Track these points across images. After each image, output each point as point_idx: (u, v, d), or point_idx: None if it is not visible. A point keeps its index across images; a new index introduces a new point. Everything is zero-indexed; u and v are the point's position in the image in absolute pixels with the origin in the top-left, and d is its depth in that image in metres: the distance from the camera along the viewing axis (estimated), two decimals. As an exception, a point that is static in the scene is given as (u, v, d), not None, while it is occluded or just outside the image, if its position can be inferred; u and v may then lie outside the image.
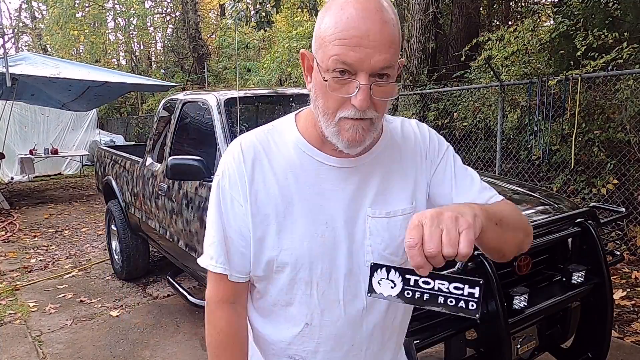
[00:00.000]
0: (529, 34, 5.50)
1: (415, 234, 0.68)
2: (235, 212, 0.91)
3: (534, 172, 5.29)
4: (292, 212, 0.89)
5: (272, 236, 0.89)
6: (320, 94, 0.83)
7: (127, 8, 16.73)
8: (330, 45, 0.79)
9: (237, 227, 0.91)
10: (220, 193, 0.92)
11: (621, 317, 3.35)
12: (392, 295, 0.72)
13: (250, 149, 0.91)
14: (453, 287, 0.71)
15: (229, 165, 0.92)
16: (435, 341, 1.66)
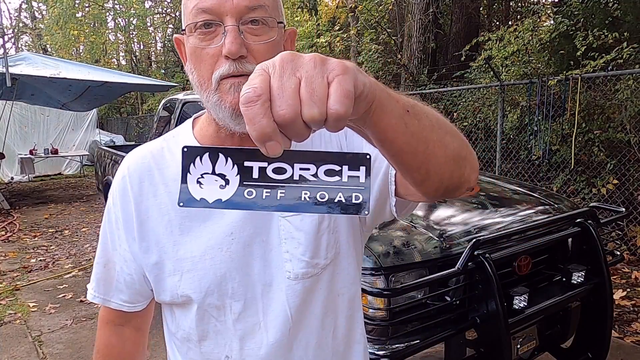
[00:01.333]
0: (529, 34, 5.50)
1: (258, 82, 0.40)
2: (120, 235, 0.80)
3: (534, 172, 5.29)
4: (191, 227, 0.76)
5: (171, 258, 0.77)
6: (193, 65, 0.70)
7: (127, 8, 16.72)
8: (189, 1, 0.69)
9: (121, 251, 0.80)
10: (107, 212, 0.82)
11: (621, 317, 3.35)
12: (222, 201, 0.45)
13: (138, 162, 0.80)
14: (324, 171, 0.44)
15: (115, 182, 0.81)
16: (435, 341, 1.66)
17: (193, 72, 0.71)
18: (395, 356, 1.58)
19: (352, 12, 8.55)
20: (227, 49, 0.65)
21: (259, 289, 0.77)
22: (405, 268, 1.72)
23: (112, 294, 0.83)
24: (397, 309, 1.66)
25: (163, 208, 0.77)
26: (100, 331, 0.88)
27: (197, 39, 0.68)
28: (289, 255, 0.76)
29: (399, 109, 0.50)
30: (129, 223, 0.78)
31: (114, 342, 0.87)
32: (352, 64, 0.43)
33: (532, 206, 2.24)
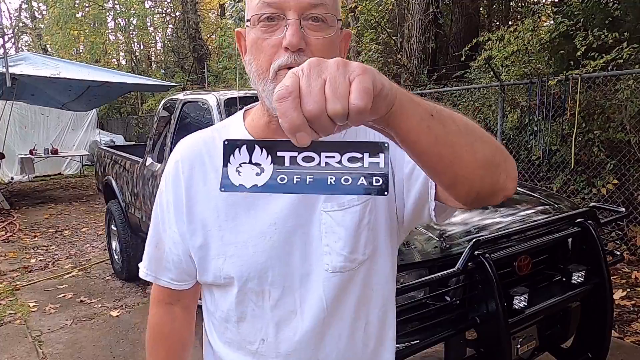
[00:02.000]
0: (529, 34, 5.50)
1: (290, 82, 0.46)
2: (170, 217, 0.84)
3: (534, 172, 5.29)
4: (236, 214, 0.79)
5: (216, 242, 0.81)
6: (253, 55, 0.74)
7: (127, 8, 16.72)
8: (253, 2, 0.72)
9: (171, 233, 0.85)
10: (159, 195, 0.87)
11: (621, 317, 3.35)
12: (258, 186, 0.51)
13: (191, 148, 0.84)
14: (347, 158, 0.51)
15: (168, 167, 0.85)
16: (435, 341, 1.66)
17: (252, 63, 0.74)
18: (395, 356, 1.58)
19: (352, 12, 8.55)
20: (287, 40, 0.69)
21: (297, 278, 0.80)
22: (405, 268, 1.72)
23: (161, 272, 0.88)
24: (397, 309, 1.66)
25: (211, 193, 0.80)
26: (153, 310, 0.93)
27: (260, 31, 0.72)
28: (329, 249, 0.79)
29: (422, 112, 0.53)
30: (179, 206, 0.82)
31: (165, 320, 0.93)
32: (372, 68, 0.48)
33: (532, 206, 2.24)
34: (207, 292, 0.89)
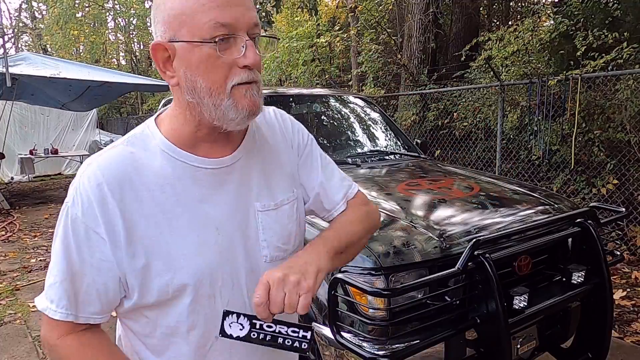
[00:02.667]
0: (529, 34, 5.50)
1: (262, 293, 0.75)
2: (92, 245, 0.78)
3: (534, 172, 5.29)
4: (178, 227, 0.81)
5: (162, 259, 0.80)
6: (200, 73, 0.76)
7: (127, 8, 16.72)
8: (200, 13, 0.73)
9: (95, 261, 0.78)
10: (70, 224, 0.78)
11: (621, 317, 3.35)
12: (240, 337, 0.79)
13: (115, 170, 0.79)
14: (290, 330, 0.80)
15: (83, 190, 0.78)
16: (435, 341, 1.66)
17: (197, 79, 0.76)
18: (395, 356, 1.58)
19: (352, 12, 8.55)
20: (251, 60, 0.76)
21: (243, 274, 0.88)
22: (405, 268, 1.72)
23: (80, 307, 0.81)
24: (397, 309, 1.66)
25: (149, 213, 0.79)
26: (65, 343, 0.81)
27: (213, 49, 0.74)
28: (266, 243, 0.90)
29: (339, 257, 0.93)
30: (114, 231, 0.78)
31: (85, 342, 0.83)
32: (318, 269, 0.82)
33: (532, 206, 2.24)
34: (136, 317, 0.86)
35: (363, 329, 1.69)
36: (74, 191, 0.79)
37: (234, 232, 0.86)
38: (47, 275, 0.82)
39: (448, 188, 2.41)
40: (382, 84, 8.30)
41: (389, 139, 3.48)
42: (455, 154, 6.37)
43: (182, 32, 0.75)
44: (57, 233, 0.80)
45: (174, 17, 0.75)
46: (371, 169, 2.82)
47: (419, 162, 3.08)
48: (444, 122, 6.44)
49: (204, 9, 0.73)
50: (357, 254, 1.04)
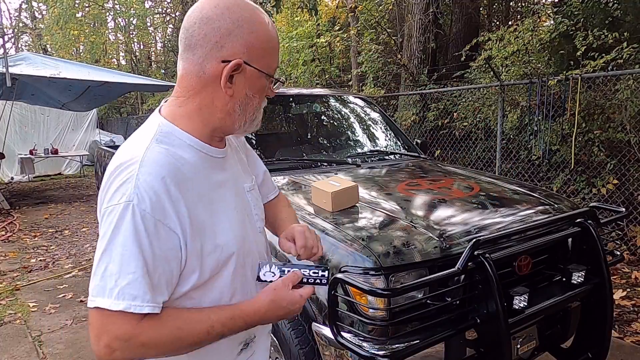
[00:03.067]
0: (529, 34, 5.50)
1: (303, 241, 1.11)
2: (161, 237, 0.84)
3: (534, 172, 5.29)
4: (215, 210, 0.95)
5: (211, 239, 0.92)
6: (257, 95, 0.97)
7: (127, 8, 16.72)
8: (274, 55, 0.97)
9: (163, 253, 0.84)
10: (141, 220, 0.82)
11: (621, 317, 3.35)
12: (273, 281, 1.00)
13: (165, 163, 0.87)
14: (312, 272, 1.01)
15: (147, 187, 0.83)
16: (435, 341, 1.66)
17: (253, 98, 0.96)
18: (395, 356, 1.58)
19: (352, 12, 8.55)
20: (273, 95, 1.02)
21: (253, 243, 1.05)
22: (405, 268, 1.72)
23: (154, 297, 0.84)
24: (397, 309, 1.66)
25: (197, 199, 0.91)
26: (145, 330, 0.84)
27: (268, 83, 0.98)
28: (257, 217, 1.10)
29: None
30: (182, 219, 0.87)
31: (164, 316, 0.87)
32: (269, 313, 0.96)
33: (532, 206, 2.24)
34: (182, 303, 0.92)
35: (363, 329, 1.69)
36: (134, 189, 0.83)
37: (242, 210, 1.04)
38: (114, 277, 0.82)
39: (448, 188, 2.41)
40: (382, 84, 8.30)
41: (389, 139, 3.48)
42: (455, 154, 6.37)
43: (261, 62, 0.93)
44: (120, 231, 0.82)
45: (258, 47, 0.92)
46: (371, 169, 2.82)
47: (419, 162, 3.08)
48: (444, 122, 6.44)
49: (274, 53, 0.97)
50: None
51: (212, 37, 0.89)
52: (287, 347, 1.93)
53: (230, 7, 0.90)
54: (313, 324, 1.85)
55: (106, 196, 0.86)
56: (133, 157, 0.87)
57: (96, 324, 0.83)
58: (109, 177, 0.88)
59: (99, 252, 0.84)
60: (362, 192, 2.21)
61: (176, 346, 0.88)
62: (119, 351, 0.83)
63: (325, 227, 1.92)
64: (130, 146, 0.91)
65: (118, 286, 0.81)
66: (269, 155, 2.80)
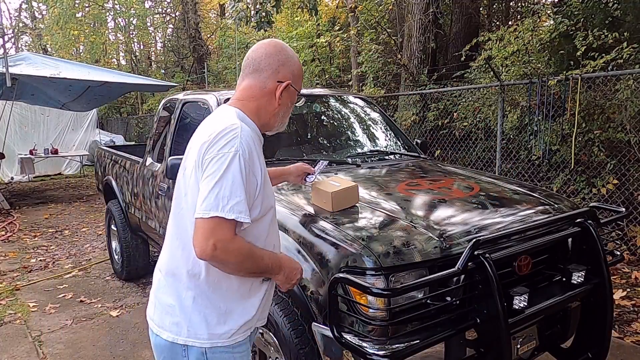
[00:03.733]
0: (529, 34, 5.50)
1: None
2: (250, 178, 1.25)
3: (534, 172, 5.29)
4: (264, 173, 1.34)
5: (264, 191, 1.32)
6: (291, 106, 1.47)
7: (127, 8, 16.71)
8: (300, 79, 1.47)
9: (252, 186, 1.27)
10: (243, 164, 1.22)
11: (621, 317, 3.35)
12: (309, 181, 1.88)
13: (250, 136, 1.30)
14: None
15: (246, 144, 1.25)
16: (435, 341, 1.66)
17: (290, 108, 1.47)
18: (395, 356, 1.58)
19: (352, 12, 8.55)
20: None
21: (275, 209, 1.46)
22: (405, 268, 1.72)
23: (247, 212, 1.23)
24: (397, 309, 1.66)
25: (261, 161, 1.33)
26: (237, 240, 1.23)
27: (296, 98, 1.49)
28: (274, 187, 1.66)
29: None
30: (259, 169, 1.30)
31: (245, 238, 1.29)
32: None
33: (532, 206, 2.24)
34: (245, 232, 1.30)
35: (363, 329, 1.69)
36: (240, 143, 1.23)
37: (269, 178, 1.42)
38: (227, 198, 1.19)
39: (448, 188, 2.41)
40: (382, 84, 8.30)
41: (389, 139, 3.48)
42: (455, 154, 6.37)
43: (298, 84, 1.44)
44: (230, 170, 1.20)
45: (296, 74, 1.43)
46: (371, 169, 2.82)
47: (419, 162, 3.08)
48: (444, 122, 6.44)
49: (301, 78, 1.48)
50: None
51: (274, 65, 1.38)
52: (287, 347, 1.93)
53: (283, 47, 1.42)
54: (313, 324, 1.85)
55: (216, 147, 1.23)
56: (234, 125, 1.27)
57: (208, 229, 1.18)
58: (217, 135, 1.25)
59: (210, 183, 1.20)
60: (362, 192, 2.21)
61: (248, 262, 1.26)
62: (220, 251, 1.19)
63: (325, 227, 1.92)
64: (225, 120, 1.30)
65: (229, 204, 1.19)
66: (269, 154, 2.79)
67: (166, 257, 1.39)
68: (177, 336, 1.30)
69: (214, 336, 1.29)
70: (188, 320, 1.29)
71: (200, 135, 1.32)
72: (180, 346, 1.30)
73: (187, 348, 1.29)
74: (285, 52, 1.41)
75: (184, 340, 1.29)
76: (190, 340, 1.29)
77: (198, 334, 1.29)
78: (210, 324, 1.29)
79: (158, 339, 1.35)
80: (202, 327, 1.28)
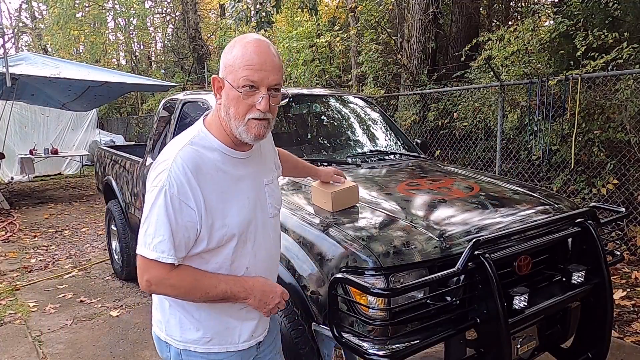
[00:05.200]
0: (529, 34, 5.50)
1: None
2: (183, 212, 1.17)
3: (534, 172, 5.29)
4: (228, 199, 1.25)
5: (220, 220, 1.22)
6: (233, 104, 1.21)
7: (127, 8, 16.71)
8: (240, 70, 1.18)
9: (184, 223, 1.18)
10: (169, 199, 1.16)
11: (621, 317, 3.35)
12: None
13: (190, 161, 1.20)
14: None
15: (175, 176, 1.17)
16: (435, 341, 1.66)
17: (230, 109, 1.22)
18: (395, 356, 1.58)
19: (352, 12, 8.55)
20: (262, 107, 1.20)
21: (260, 225, 1.34)
22: (405, 268, 1.72)
23: (176, 253, 1.18)
24: (397, 309, 1.66)
25: (212, 188, 1.21)
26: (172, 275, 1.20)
27: (239, 93, 1.19)
28: (270, 205, 1.39)
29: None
30: (198, 202, 1.18)
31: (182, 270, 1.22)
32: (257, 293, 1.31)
33: (532, 206, 2.24)
34: (195, 259, 1.25)
35: (363, 329, 1.69)
36: (167, 177, 1.16)
37: (256, 199, 1.33)
38: (151, 236, 1.16)
39: (448, 188, 2.41)
40: (382, 84, 8.30)
41: (389, 139, 3.48)
42: (455, 154, 6.37)
43: (229, 77, 1.20)
44: (156, 206, 1.16)
45: (228, 65, 1.21)
46: (371, 169, 2.82)
47: (419, 162, 3.08)
48: (444, 122, 6.44)
49: (244, 68, 1.18)
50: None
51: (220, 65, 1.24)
52: (287, 347, 1.93)
53: (232, 42, 1.24)
54: (313, 324, 1.85)
55: (149, 180, 1.21)
56: (169, 156, 1.20)
57: (141, 265, 1.20)
58: (155, 167, 1.22)
59: (143, 217, 1.19)
60: (362, 192, 2.21)
61: (194, 292, 1.23)
62: (155, 286, 1.20)
63: (325, 227, 1.92)
64: (172, 146, 1.25)
65: (153, 243, 1.16)
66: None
67: None
68: (160, 332, 1.38)
69: (187, 340, 1.32)
70: (166, 321, 1.35)
71: None
72: (163, 342, 1.37)
73: (168, 345, 1.36)
74: (229, 46, 1.24)
75: (164, 338, 1.36)
76: (169, 339, 1.35)
77: (173, 335, 1.34)
78: (184, 328, 1.32)
79: (152, 331, 1.44)
80: (177, 330, 1.33)
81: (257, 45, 1.20)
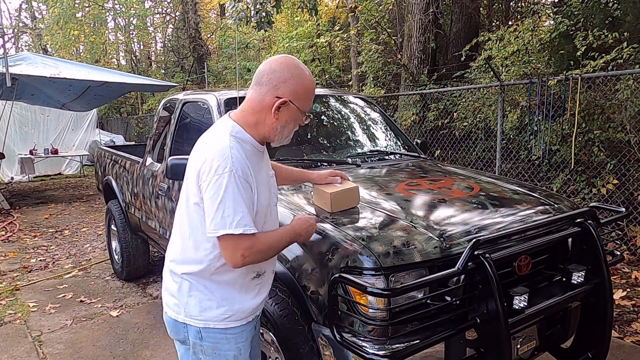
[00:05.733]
0: (529, 34, 5.50)
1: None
2: (247, 190, 1.40)
3: (534, 172, 5.29)
4: (259, 182, 1.47)
5: (257, 198, 1.46)
6: (294, 122, 1.51)
7: (127, 8, 16.71)
8: (309, 100, 1.52)
9: (250, 198, 1.42)
10: (239, 180, 1.37)
11: (621, 317, 3.35)
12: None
13: (242, 149, 1.43)
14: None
15: (237, 161, 1.38)
16: (435, 341, 1.66)
17: (289, 124, 1.50)
18: (395, 356, 1.58)
19: (352, 12, 8.54)
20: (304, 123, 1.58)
21: (273, 208, 1.63)
22: (405, 268, 1.72)
23: (255, 225, 1.41)
24: (397, 309, 1.66)
25: (254, 173, 1.44)
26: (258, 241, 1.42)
27: (302, 117, 1.53)
28: (274, 195, 1.63)
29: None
30: (252, 181, 1.42)
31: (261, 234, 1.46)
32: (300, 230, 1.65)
33: (532, 206, 2.24)
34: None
35: (363, 329, 1.69)
36: (232, 163, 1.37)
37: (271, 187, 1.58)
38: (231, 216, 1.35)
39: (448, 188, 2.41)
40: (382, 84, 8.30)
41: (389, 139, 3.48)
42: (455, 154, 6.37)
43: (299, 102, 1.48)
44: (229, 189, 1.35)
45: (301, 93, 1.47)
46: (371, 169, 2.82)
47: (419, 162, 3.08)
48: (444, 122, 6.44)
49: (308, 98, 1.52)
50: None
51: (274, 81, 1.44)
52: (286, 347, 1.93)
53: (290, 65, 1.47)
54: (313, 324, 1.85)
55: (211, 171, 1.36)
56: (225, 147, 1.39)
57: (231, 244, 1.38)
58: (211, 159, 1.38)
59: (214, 204, 1.35)
60: (362, 192, 2.20)
61: (272, 250, 1.50)
62: (248, 258, 1.40)
63: (325, 227, 1.92)
64: (219, 142, 1.42)
65: (235, 220, 1.35)
66: (269, 155, 2.79)
67: (174, 247, 1.56)
68: (177, 315, 1.51)
69: (206, 318, 1.48)
70: (185, 303, 1.49)
71: (199, 154, 1.46)
72: (181, 324, 1.51)
73: (186, 326, 1.50)
74: (291, 70, 1.45)
75: (182, 319, 1.50)
76: (187, 320, 1.49)
77: (193, 315, 1.49)
78: (203, 307, 1.48)
79: (166, 316, 1.57)
80: (196, 309, 1.48)
81: (312, 79, 1.53)
